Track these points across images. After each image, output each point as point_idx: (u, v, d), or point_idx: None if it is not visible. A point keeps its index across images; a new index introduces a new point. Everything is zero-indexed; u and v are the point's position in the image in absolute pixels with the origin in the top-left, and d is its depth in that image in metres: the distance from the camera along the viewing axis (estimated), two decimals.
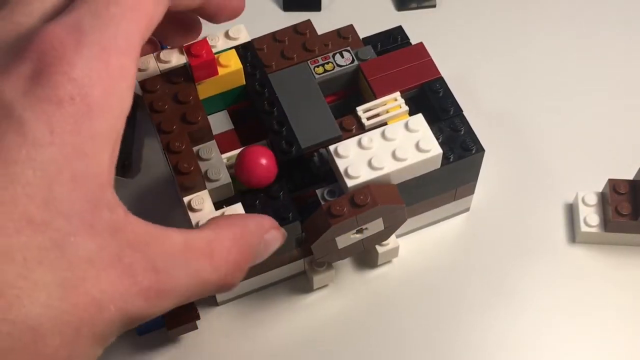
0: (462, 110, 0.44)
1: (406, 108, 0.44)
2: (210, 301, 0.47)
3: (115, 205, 0.29)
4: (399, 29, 0.49)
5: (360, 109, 0.44)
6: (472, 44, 0.57)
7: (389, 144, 0.42)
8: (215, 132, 0.44)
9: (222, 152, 0.43)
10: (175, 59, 0.44)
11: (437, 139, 0.43)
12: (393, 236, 0.46)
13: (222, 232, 0.33)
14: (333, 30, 0.48)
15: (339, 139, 0.43)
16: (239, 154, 0.42)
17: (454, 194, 0.47)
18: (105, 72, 0.29)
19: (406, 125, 0.42)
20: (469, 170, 0.45)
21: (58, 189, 0.27)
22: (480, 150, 0.43)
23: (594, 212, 0.48)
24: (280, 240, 0.38)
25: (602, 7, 0.59)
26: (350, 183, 0.41)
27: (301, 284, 0.47)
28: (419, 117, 0.42)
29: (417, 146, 0.42)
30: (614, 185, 0.47)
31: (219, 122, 0.45)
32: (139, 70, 0.44)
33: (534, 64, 0.56)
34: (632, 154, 0.51)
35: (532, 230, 0.49)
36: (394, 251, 0.47)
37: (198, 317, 0.43)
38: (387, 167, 0.41)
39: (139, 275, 0.29)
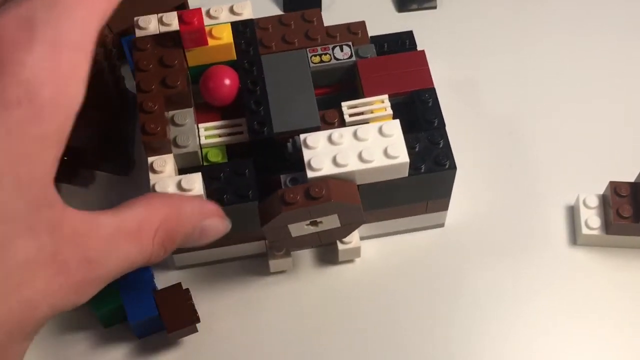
0: (445, 125, 0.44)
1: (390, 112, 0.44)
2: (169, 265, 0.48)
3: (54, 201, 0.30)
4: (409, 33, 0.49)
5: (345, 105, 0.44)
6: (473, 45, 0.57)
7: (358, 144, 0.42)
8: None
9: (201, 122, 0.44)
10: (176, 23, 0.45)
11: (413, 148, 0.43)
12: (356, 236, 0.46)
13: (153, 212, 0.34)
14: (344, 24, 0.48)
15: (317, 130, 0.43)
16: (204, 72, 0.44)
17: (425, 206, 0.46)
18: (56, 70, 0.29)
19: (380, 129, 0.42)
20: (439, 186, 0.45)
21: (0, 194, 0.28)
22: (453, 167, 0.43)
23: (595, 214, 0.47)
24: (221, 229, 0.38)
25: (604, 9, 0.58)
26: (310, 174, 0.41)
27: (261, 265, 0.48)
28: (395, 123, 0.42)
29: (385, 151, 0.42)
30: (615, 187, 0.46)
31: None
32: (140, 28, 0.45)
33: (536, 65, 0.56)
34: (633, 157, 0.51)
35: (533, 232, 0.49)
36: (356, 251, 0.47)
37: (198, 320, 0.44)
38: (351, 165, 0.41)
39: (72, 269, 0.30)
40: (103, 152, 0.50)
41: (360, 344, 0.46)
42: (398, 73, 0.45)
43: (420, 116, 0.44)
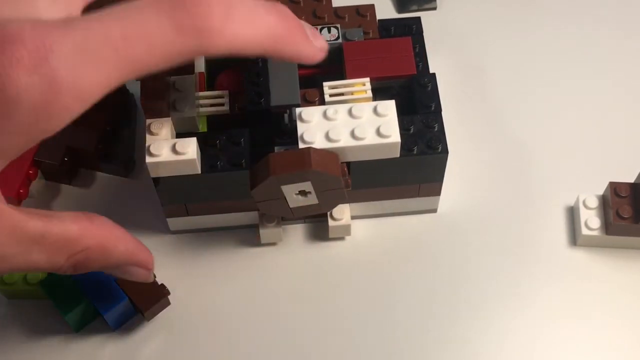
0: (441, 110, 0.45)
1: (370, 95, 0.44)
2: (163, 230, 0.49)
3: None
4: (417, 19, 0.49)
5: (326, 85, 0.45)
6: (473, 46, 0.57)
7: (352, 121, 0.42)
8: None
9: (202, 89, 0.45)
10: None
11: (407, 130, 0.44)
12: (347, 213, 0.47)
13: (83, 237, 0.35)
14: (353, 6, 0.49)
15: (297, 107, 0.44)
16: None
17: (417, 189, 0.47)
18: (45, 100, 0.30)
19: (375, 108, 0.43)
20: (431, 169, 0.45)
21: None
22: (444, 152, 0.44)
23: (595, 215, 0.47)
24: (142, 279, 0.40)
25: (605, 9, 0.58)
26: (302, 147, 0.42)
27: (253, 236, 0.49)
28: (390, 103, 0.43)
29: (378, 130, 0.42)
30: (615, 188, 0.46)
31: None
32: None
33: (536, 65, 0.56)
34: (633, 157, 0.51)
35: (532, 233, 0.49)
36: (346, 228, 0.48)
37: (168, 293, 0.45)
38: (342, 141, 0.42)
39: None
40: (103, 153, 0.51)
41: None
42: (382, 58, 0.46)
43: (418, 100, 0.45)
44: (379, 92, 0.46)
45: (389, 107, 0.43)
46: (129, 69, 0.31)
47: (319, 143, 0.42)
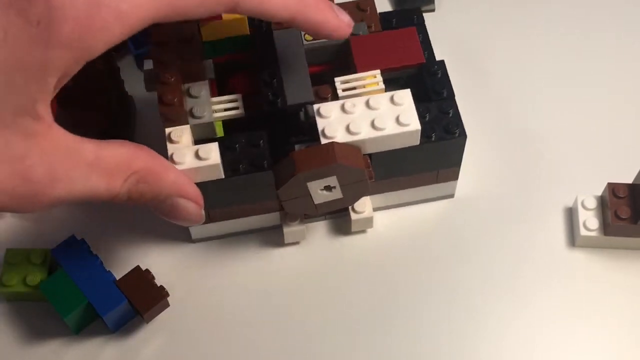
0: (454, 95, 0.45)
1: (382, 86, 0.45)
2: (185, 239, 0.49)
3: (41, 115, 0.33)
4: (417, 10, 0.50)
5: (338, 80, 0.45)
6: (471, 48, 0.57)
7: (370, 112, 0.43)
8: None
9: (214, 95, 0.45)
10: None
11: (424, 117, 0.44)
12: (369, 206, 0.48)
13: (135, 158, 0.36)
14: (352, 1, 0.49)
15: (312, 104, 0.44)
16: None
17: (435, 175, 0.47)
18: (87, 20, 0.32)
19: (391, 98, 0.43)
20: (450, 154, 0.46)
21: None
22: (463, 135, 0.44)
23: (593, 215, 0.48)
24: (193, 215, 0.40)
25: (603, 10, 0.59)
26: (324, 142, 0.42)
27: (275, 238, 0.49)
28: (406, 92, 0.43)
29: (397, 119, 0.42)
30: (613, 189, 0.47)
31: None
32: None
33: (534, 67, 0.56)
34: (631, 158, 0.51)
35: (531, 234, 0.49)
36: (368, 221, 0.48)
37: (167, 295, 0.45)
38: (364, 133, 0.42)
39: (34, 177, 0.33)
40: None
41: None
42: (390, 49, 0.46)
43: (430, 88, 0.45)
44: (388, 84, 0.46)
45: (405, 95, 0.43)
46: (169, 8, 0.33)
47: (341, 137, 0.42)
